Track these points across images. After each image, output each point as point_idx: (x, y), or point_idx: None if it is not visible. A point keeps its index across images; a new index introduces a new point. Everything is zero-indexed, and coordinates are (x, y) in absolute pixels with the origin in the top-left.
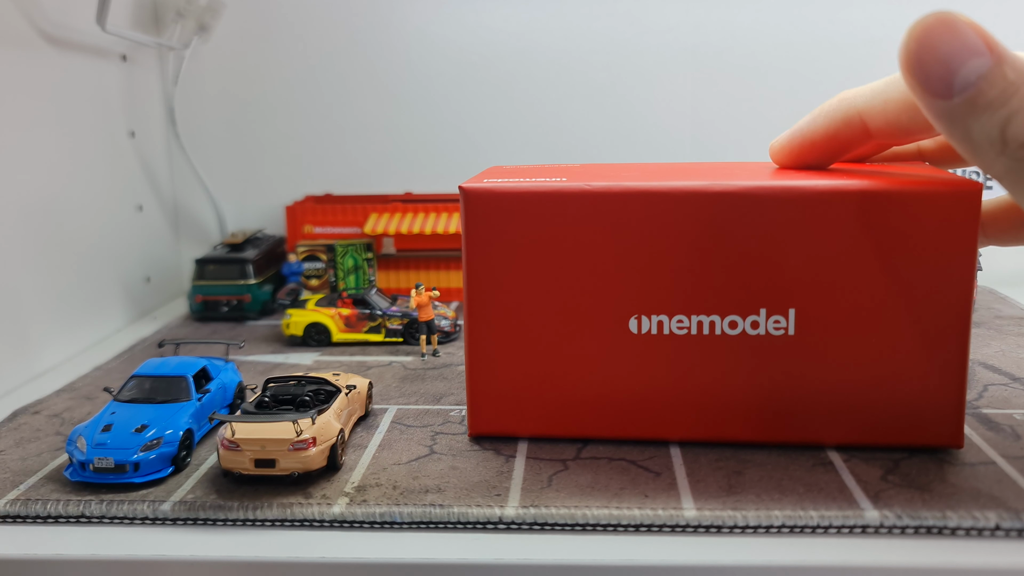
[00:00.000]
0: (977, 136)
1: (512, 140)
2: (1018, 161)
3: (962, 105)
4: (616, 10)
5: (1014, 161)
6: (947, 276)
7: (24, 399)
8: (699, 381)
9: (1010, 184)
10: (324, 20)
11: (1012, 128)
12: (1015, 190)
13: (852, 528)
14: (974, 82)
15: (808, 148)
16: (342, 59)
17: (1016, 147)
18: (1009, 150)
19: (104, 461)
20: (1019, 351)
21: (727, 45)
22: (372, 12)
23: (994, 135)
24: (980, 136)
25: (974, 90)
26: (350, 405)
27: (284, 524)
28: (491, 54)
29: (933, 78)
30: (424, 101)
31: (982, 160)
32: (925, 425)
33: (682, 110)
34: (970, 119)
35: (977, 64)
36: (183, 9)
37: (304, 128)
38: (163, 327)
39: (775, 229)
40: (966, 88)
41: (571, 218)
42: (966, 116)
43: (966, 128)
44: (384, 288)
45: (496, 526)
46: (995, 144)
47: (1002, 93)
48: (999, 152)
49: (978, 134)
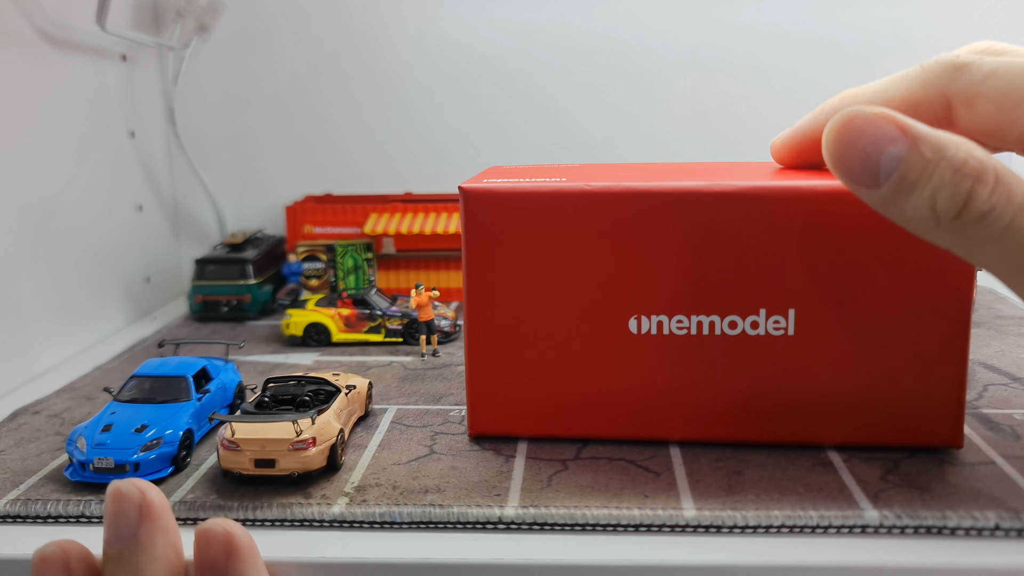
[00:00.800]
0: (912, 215)
1: (512, 140)
2: (954, 232)
3: (890, 191)
4: (616, 10)
5: (951, 233)
6: (947, 276)
7: (24, 399)
8: (699, 381)
9: (961, 253)
10: (324, 20)
11: (939, 204)
12: (968, 258)
13: (852, 528)
14: (895, 167)
15: (809, 146)
16: (342, 59)
17: (948, 220)
18: (943, 224)
19: (104, 461)
20: (1019, 351)
21: (727, 45)
22: (372, 12)
23: (926, 213)
24: (914, 215)
25: (896, 175)
26: (350, 405)
27: (284, 524)
28: (491, 54)
29: (859, 171)
30: (424, 101)
31: (924, 235)
32: (925, 425)
33: (682, 110)
34: (901, 202)
35: (894, 150)
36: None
37: (304, 128)
38: (163, 327)
39: (775, 229)
40: (890, 174)
41: (571, 218)
42: (897, 200)
43: (900, 210)
44: (384, 288)
45: (496, 526)
46: (929, 220)
47: (923, 173)
48: (935, 227)
49: (912, 213)
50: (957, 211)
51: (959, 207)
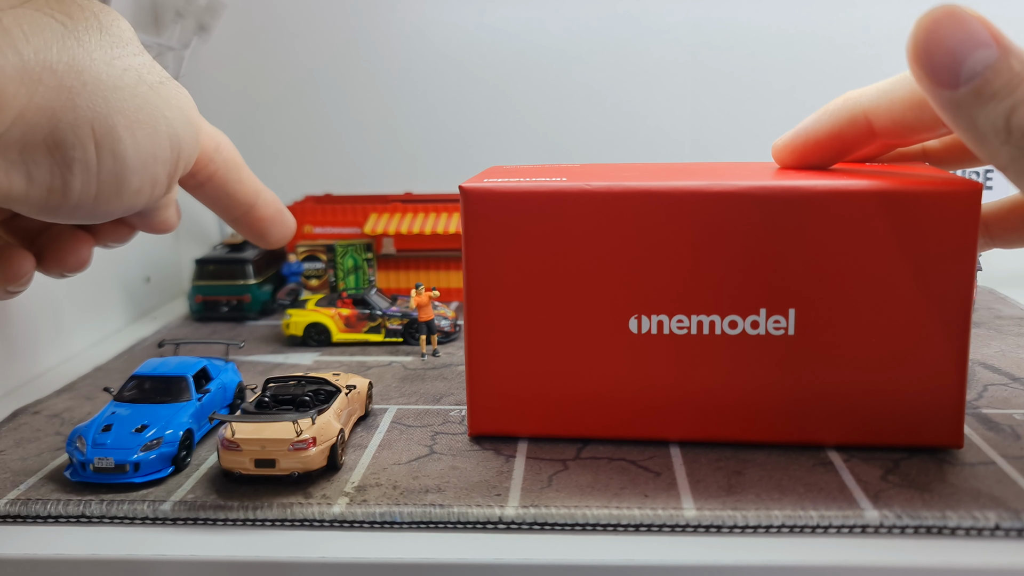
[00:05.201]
0: (982, 125)
1: (512, 140)
2: (1022, 150)
3: (968, 95)
4: (616, 10)
5: (1018, 150)
6: (947, 276)
7: (24, 399)
8: (699, 381)
9: (1014, 173)
10: (324, 20)
11: (1016, 117)
12: (1019, 179)
13: (852, 528)
14: (980, 72)
15: (812, 148)
16: (342, 59)
17: (1020, 136)
18: (1013, 139)
19: (104, 461)
20: (1019, 351)
21: (727, 45)
22: (372, 12)
23: (999, 124)
24: (985, 125)
25: (980, 80)
26: (350, 405)
27: (284, 524)
28: (491, 54)
29: (940, 68)
30: (424, 101)
31: (987, 149)
32: (925, 425)
33: (682, 110)
34: (976, 109)
35: (984, 55)
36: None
37: (304, 128)
38: (163, 327)
39: (775, 229)
40: (972, 78)
41: (571, 218)
42: (972, 106)
43: (972, 118)
44: (384, 288)
45: (496, 526)
46: (1000, 133)
47: (1007, 83)
48: (1003, 141)
49: (983, 123)
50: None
51: None
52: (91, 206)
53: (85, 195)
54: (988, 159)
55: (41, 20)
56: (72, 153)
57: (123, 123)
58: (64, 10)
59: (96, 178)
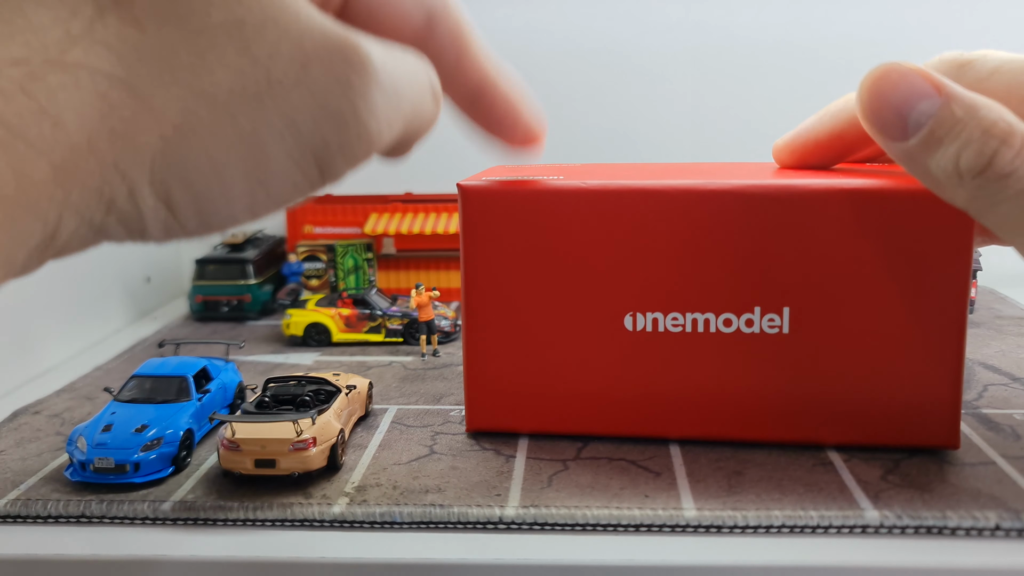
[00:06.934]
0: (935, 171)
1: None
2: (976, 189)
3: (918, 145)
4: (616, 10)
5: (972, 190)
6: (942, 276)
7: (24, 399)
8: (693, 378)
9: (974, 212)
10: None
11: (964, 160)
12: (980, 217)
13: (852, 528)
14: (925, 123)
15: (812, 149)
16: None
17: (970, 177)
18: (965, 181)
19: (104, 461)
20: (1019, 351)
21: (727, 45)
22: None
23: (949, 168)
24: (938, 171)
25: (926, 130)
26: (350, 405)
27: (284, 524)
28: None
29: (888, 123)
30: None
31: (944, 192)
32: (921, 426)
33: (682, 110)
34: (926, 157)
35: (926, 105)
36: None
37: None
38: (163, 327)
39: (769, 228)
40: (919, 128)
41: (567, 216)
42: (922, 154)
43: (925, 165)
44: (384, 288)
45: (496, 526)
46: (952, 177)
47: (951, 129)
48: (957, 184)
49: (936, 169)
50: (980, 169)
51: (983, 165)
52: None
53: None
54: (948, 200)
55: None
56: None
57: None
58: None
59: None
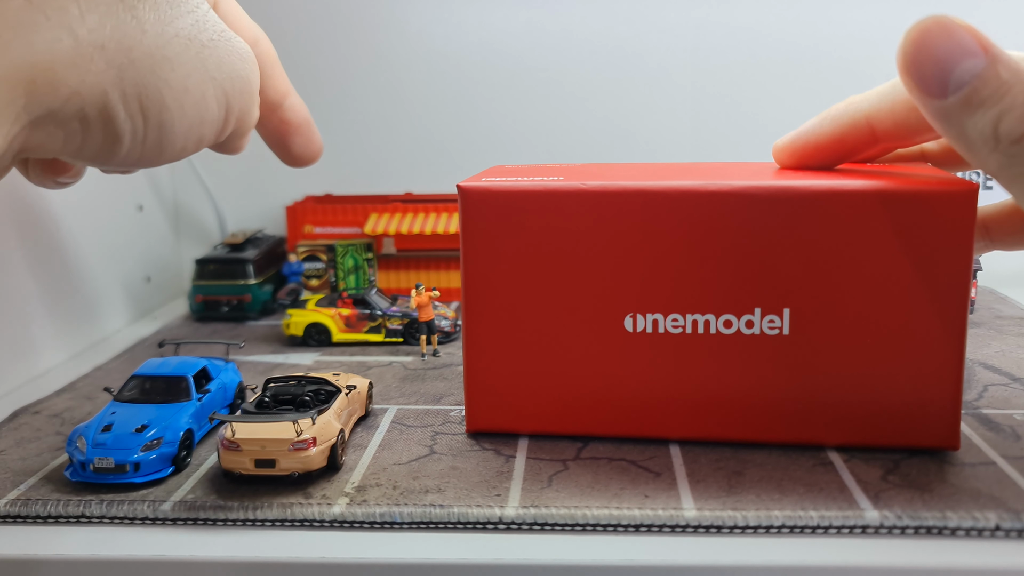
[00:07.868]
0: (971, 133)
1: (512, 140)
2: (1011, 157)
3: (957, 104)
4: (616, 10)
5: (1007, 157)
6: (943, 276)
7: (24, 399)
8: (693, 380)
9: (1005, 180)
10: (324, 20)
11: (1004, 125)
12: (1009, 185)
13: (852, 528)
14: (968, 81)
15: (812, 150)
16: (342, 59)
17: (1008, 143)
18: (1002, 146)
19: (104, 461)
20: (1019, 351)
21: (727, 45)
22: (372, 12)
23: (987, 132)
24: (974, 133)
25: (968, 89)
26: (350, 405)
27: (284, 524)
28: (491, 54)
29: (929, 78)
30: (424, 101)
31: (977, 156)
32: (921, 426)
33: (682, 110)
34: (964, 117)
35: (971, 64)
36: None
37: None
38: (163, 327)
39: (769, 229)
40: (960, 87)
41: (567, 217)
42: (961, 114)
43: (961, 126)
44: (384, 288)
45: (496, 526)
46: (988, 141)
47: (995, 92)
48: (992, 148)
49: (972, 131)
50: (1020, 136)
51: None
52: (135, 163)
53: (130, 156)
54: (978, 166)
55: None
56: (122, 126)
57: (170, 95)
58: None
59: (142, 145)
